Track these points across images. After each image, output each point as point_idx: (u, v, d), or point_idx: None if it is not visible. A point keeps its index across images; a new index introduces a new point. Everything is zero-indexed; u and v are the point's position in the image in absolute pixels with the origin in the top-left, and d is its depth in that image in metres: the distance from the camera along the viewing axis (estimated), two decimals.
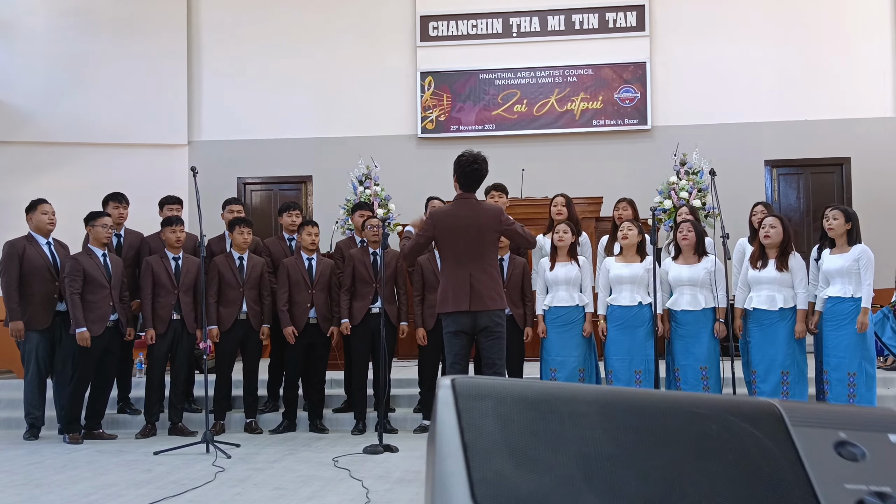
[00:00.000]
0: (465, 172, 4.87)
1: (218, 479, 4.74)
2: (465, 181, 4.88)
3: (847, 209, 5.76)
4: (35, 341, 6.24)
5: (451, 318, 4.79)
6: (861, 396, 5.53)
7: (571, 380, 6.11)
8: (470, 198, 4.92)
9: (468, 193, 4.92)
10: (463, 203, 4.90)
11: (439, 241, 4.89)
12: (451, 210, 4.92)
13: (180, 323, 6.33)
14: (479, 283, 4.73)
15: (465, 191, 4.91)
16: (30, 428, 6.25)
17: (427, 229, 4.91)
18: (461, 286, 4.74)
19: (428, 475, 0.91)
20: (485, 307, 4.72)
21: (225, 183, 10.72)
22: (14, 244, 6.28)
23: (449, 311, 4.79)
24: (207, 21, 11.33)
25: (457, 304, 4.74)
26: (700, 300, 5.95)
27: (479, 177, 4.90)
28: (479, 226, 4.80)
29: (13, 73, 10.54)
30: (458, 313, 4.75)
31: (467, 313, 4.73)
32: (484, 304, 4.72)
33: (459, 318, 4.76)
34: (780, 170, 10.61)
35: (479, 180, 4.92)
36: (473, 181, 4.90)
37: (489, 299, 4.73)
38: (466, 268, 4.76)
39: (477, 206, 4.90)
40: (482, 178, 4.93)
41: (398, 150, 10.76)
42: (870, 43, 10.46)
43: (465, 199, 4.91)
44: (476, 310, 4.72)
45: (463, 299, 4.73)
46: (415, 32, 11.05)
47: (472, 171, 4.86)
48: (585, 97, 10.74)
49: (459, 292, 4.74)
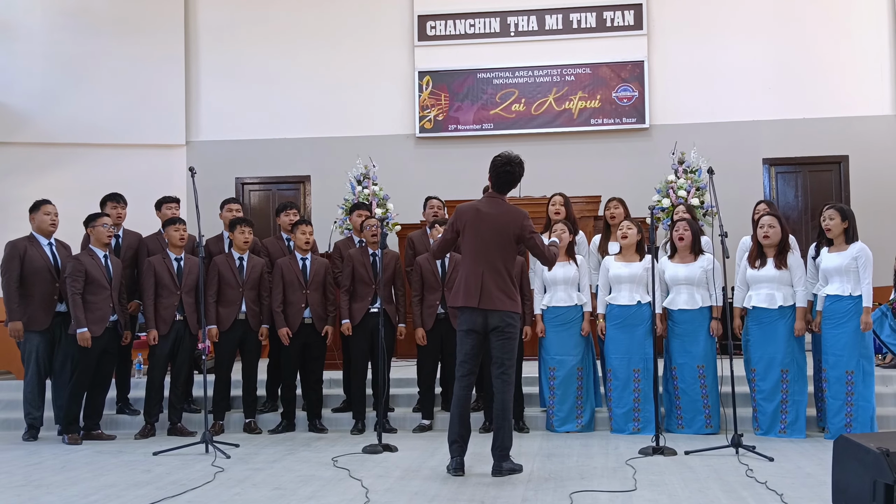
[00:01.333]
0: (497, 173, 4.85)
1: (217, 480, 4.74)
2: (496, 182, 4.88)
3: (843, 207, 5.76)
4: (35, 342, 6.24)
5: (463, 316, 4.80)
6: (859, 394, 5.54)
7: (570, 379, 6.13)
8: (498, 198, 4.90)
9: (498, 194, 4.90)
10: (490, 201, 4.89)
11: (461, 234, 4.89)
12: (477, 206, 4.91)
13: (183, 324, 6.33)
14: (491, 283, 4.73)
15: (496, 191, 4.90)
16: (29, 429, 6.25)
17: (453, 223, 4.92)
18: (473, 282, 4.74)
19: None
20: (494, 307, 4.71)
21: (223, 183, 10.72)
22: (15, 244, 6.28)
23: (458, 304, 4.80)
24: (205, 21, 11.33)
25: (466, 300, 4.74)
26: (697, 299, 5.96)
27: (509, 179, 4.85)
28: (500, 226, 4.79)
29: (11, 74, 10.53)
30: (469, 310, 4.74)
31: (479, 311, 4.73)
32: (493, 303, 4.71)
33: (471, 315, 4.75)
34: (779, 168, 10.62)
35: (509, 183, 4.87)
36: (504, 183, 4.86)
37: (498, 300, 4.72)
38: (481, 265, 4.76)
39: (503, 206, 4.87)
40: (514, 181, 4.87)
41: (396, 150, 10.77)
42: (868, 41, 10.47)
43: (493, 198, 4.90)
44: (485, 308, 4.71)
45: (473, 295, 4.72)
46: (412, 32, 11.06)
47: (504, 172, 4.84)
48: (583, 96, 10.75)
49: (471, 288, 4.74)
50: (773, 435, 5.75)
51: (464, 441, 4.78)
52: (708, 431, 5.89)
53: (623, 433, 5.97)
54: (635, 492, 4.30)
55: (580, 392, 6.15)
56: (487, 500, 4.17)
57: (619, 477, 4.65)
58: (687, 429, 5.95)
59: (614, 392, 6.05)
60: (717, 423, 5.92)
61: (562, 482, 4.54)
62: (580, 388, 6.15)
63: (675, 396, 6.02)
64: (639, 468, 4.83)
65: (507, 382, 4.77)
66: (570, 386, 6.13)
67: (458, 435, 4.76)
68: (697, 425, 5.93)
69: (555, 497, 4.21)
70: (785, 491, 4.22)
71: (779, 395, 5.77)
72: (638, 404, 5.99)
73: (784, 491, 4.21)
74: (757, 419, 5.87)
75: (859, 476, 3.44)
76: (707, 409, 5.92)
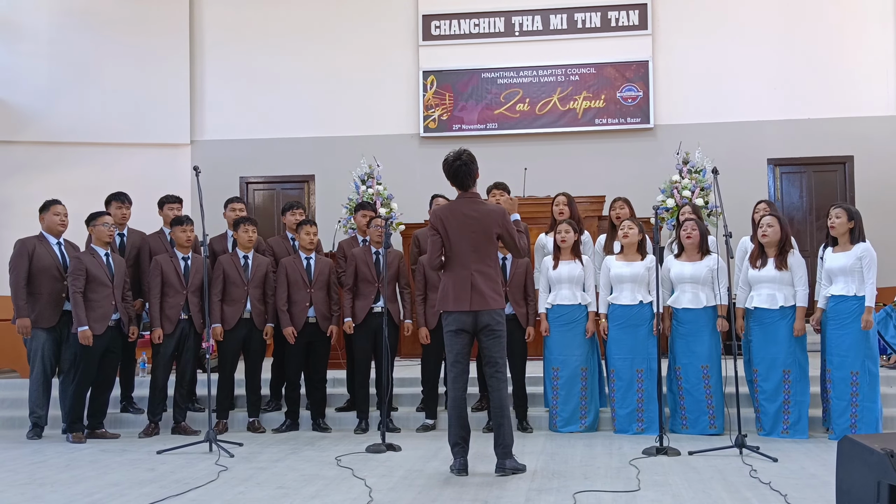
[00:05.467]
0: (451, 172, 4.84)
1: (221, 479, 4.74)
2: (455, 180, 4.86)
3: (850, 208, 5.75)
4: (42, 339, 6.27)
5: (452, 317, 4.79)
6: (864, 395, 5.52)
7: (574, 379, 6.12)
8: (472, 196, 4.89)
9: (468, 192, 4.89)
10: (466, 202, 4.87)
11: (443, 237, 4.86)
12: (454, 207, 4.89)
13: (188, 323, 6.34)
14: (481, 283, 4.73)
15: (461, 189, 4.89)
16: (33, 427, 6.26)
17: (436, 230, 4.88)
18: (462, 285, 4.74)
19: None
20: (486, 306, 4.72)
21: (227, 182, 10.75)
22: (25, 243, 6.33)
23: (450, 309, 4.78)
24: (210, 21, 11.35)
25: (458, 304, 4.74)
26: (701, 298, 5.95)
27: (464, 172, 4.82)
28: (481, 225, 4.79)
29: (17, 72, 10.57)
30: (458, 312, 4.75)
31: (468, 312, 4.74)
32: (486, 303, 4.72)
33: (460, 316, 4.75)
34: (783, 168, 10.60)
35: (466, 175, 4.82)
36: (461, 177, 4.83)
37: (491, 299, 4.74)
38: (468, 267, 4.76)
39: (480, 205, 4.87)
40: (469, 172, 4.82)
41: (400, 150, 10.78)
42: (873, 41, 10.45)
43: (467, 197, 4.88)
44: (477, 309, 4.72)
45: (464, 298, 4.73)
46: (417, 31, 11.06)
47: (456, 168, 4.82)
48: (588, 96, 10.74)
49: (461, 291, 4.74)
50: (775, 435, 5.74)
51: (465, 442, 4.78)
52: (712, 432, 5.87)
53: (626, 433, 5.96)
54: (639, 492, 4.30)
55: (584, 393, 6.14)
56: (491, 500, 4.17)
57: (623, 477, 4.64)
58: (691, 429, 5.94)
59: (618, 392, 6.05)
60: (720, 423, 5.90)
61: (565, 482, 4.53)
62: (584, 389, 6.13)
63: (680, 397, 6.01)
64: (642, 468, 4.83)
65: (502, 381, 4.78)
66: (573, 387, 6.12)
67: (459, 437, 4.75)
68: (701, 426, 5.92)
69: (558, 497, 4.21)
70: (789, 492, 4.21)
71: (781, 396, 5.76)
72: (641, 404, 5.97)
73: (788, 492, 4.20)
74: (760, 420, 5.86)
75: (863, 477, 3.43)
76: (711, 409, 5.90)
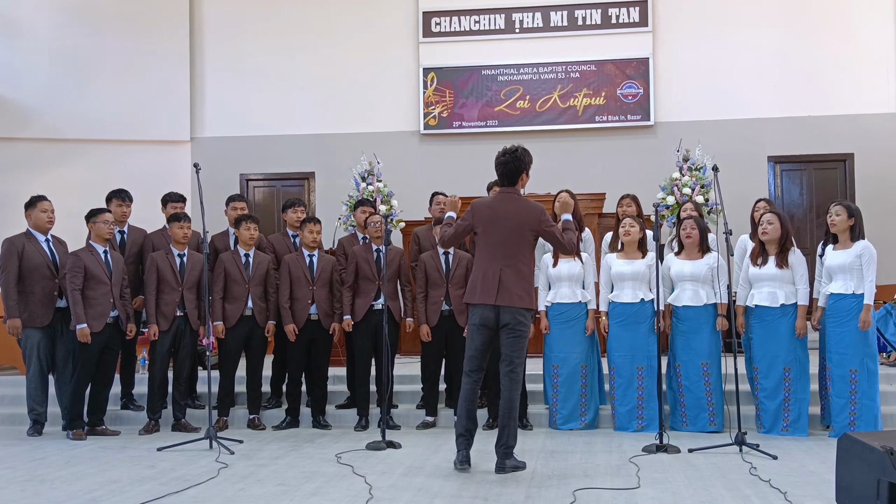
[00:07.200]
0: (496, 165, 4.87)
1: (221, 476, 4.75)
2: (500, 175, 4.89)
3: (850, 205, 5.75)
4: (36, 338, 6.24)
5: (476, 311, 4.79)
6: (863, 393, 5.53)
7: (574, 377, 6.13)
8: (512, 192, 4.89)
9: (510, 188, 4.89)
10: (505, 197, 4.88)
11: (477, 232, 4.88)
12: (492, 203, 4.91)
13: (183, 319, 6.34)
14: (509, 279, 4.72)
15: (505, 185, 4.90)
16: (33, 424, 6.26)
17: (467, 218, 4.90)
18: (491, 279, 4.73)
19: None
20: (511, 303, 4.70)
21: (228, 179, 10.75)
22: (13, 241, 6.26)
23: (475, 302, 4.79)
24: (210, 18, 11.34)
25: (484, 297, 4.74)
26: (702, 296, 5.95)
27: (508, 169, 4.84)
28: (517, 222, 4.79)
29: (17, 69, 10.56)
30: (483, 306, 4.75)
31: (492, 307, 4.73)
32: (511, 300, 4.70)
33: (484, 311, 4.75)
34: (784, 166, 10.60)
35: (509, 173, 4.85)
36: (506, 173, 4.85)
37: (517, 297, 4.72)
38: (499, 262, 4.75)
39: (519, 202, 4.86)
40: (515, 170, 4.84)
41: (401, 147, 10.77)
42: (873, 38, 10.44)
43: (506, 193, 4.89)
44: (501, 304, 4.71)
45: (490, 292, 4.72)
46: (417, 28, 11.05)
47: (500, 164, 4.84)
48: (588, 93, 10.74)
49: (488, 285, 4.73)
50: (775, 433, 5.74)
51: (470, 435, 4.79)
52: (712, 429, 5.88)
53: (626, 431, 5.97)
54: (639, 489, 4.30)
55: (584, 390, 6.14)
56: (491, 497, 4.17)
57: (623, 474, 4.65)
58: (691, 426, 5.94)
59: (618, 390, 6.05)
60: (720, 420, 5.91)
61: (565, 479, 4.54)
62: (584, 387, 6.14)
63: (679, 394, 6.01)
64: (642, 466, 4.83)
65: (515, 381, 4.77)
66: (573, 384, 6.12)
67: (465, 428, 4.77)
68: (701, 423, 5.92)
69: (558, 494, 4.21)
70: (789, 489, 4.21)
71: (781, 394, 5.76)
72: (641, 402, 5.98)
73: (788, 489, 4.21)
74: (759, 417, 5.86)
75: (863, 474, 3.44)
76: (711, 406, 5.91)
